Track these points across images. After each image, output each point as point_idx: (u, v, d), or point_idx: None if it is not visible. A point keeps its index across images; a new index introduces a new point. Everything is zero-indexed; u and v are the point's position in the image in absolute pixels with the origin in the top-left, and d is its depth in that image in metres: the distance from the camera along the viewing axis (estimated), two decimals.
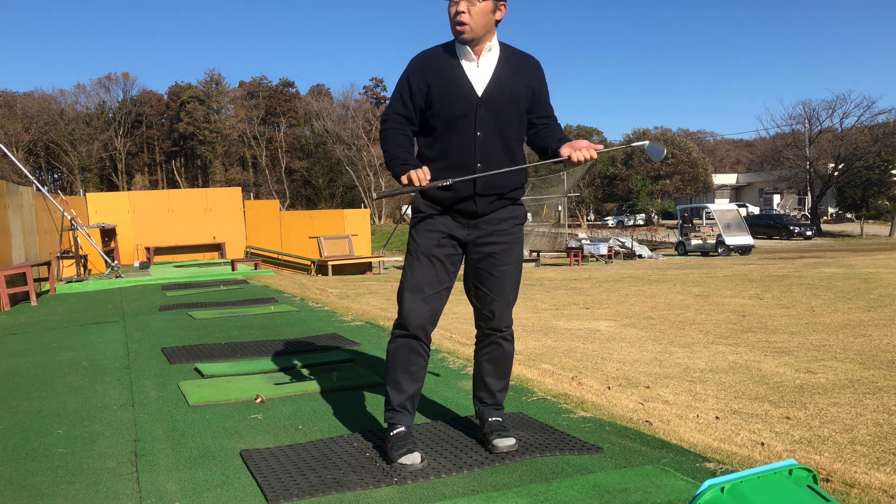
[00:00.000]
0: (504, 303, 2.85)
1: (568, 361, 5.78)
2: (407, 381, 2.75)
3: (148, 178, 70.16)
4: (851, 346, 6.46)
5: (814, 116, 46.23)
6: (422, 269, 2.74)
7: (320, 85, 73.08)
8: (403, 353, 2.75)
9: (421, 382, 2.80)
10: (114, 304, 8.85)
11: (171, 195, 18.53)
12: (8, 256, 9.44)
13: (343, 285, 13.44)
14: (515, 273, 2.85)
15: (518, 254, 2.85)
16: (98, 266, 14.11)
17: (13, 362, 5.22)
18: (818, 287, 11.70)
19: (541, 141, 2.79)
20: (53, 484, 2.69)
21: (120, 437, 3.27)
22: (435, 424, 3.26)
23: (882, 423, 4.00)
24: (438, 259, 2.74)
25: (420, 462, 2.65)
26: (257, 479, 2.61)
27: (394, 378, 2.76)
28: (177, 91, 71.81)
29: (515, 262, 2.85)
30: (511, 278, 2.84)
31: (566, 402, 3.64)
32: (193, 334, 6.15)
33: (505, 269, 2.80)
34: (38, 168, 63.48)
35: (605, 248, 24.88)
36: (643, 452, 2.84)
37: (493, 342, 2.89)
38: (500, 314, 2.85)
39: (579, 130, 72.75)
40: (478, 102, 2.66)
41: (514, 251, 2.84)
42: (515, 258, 2.84)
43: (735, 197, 58.05)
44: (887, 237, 40.03)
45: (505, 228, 2.78)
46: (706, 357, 6.09)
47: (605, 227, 48.55)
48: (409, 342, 2.74)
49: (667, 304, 10.06)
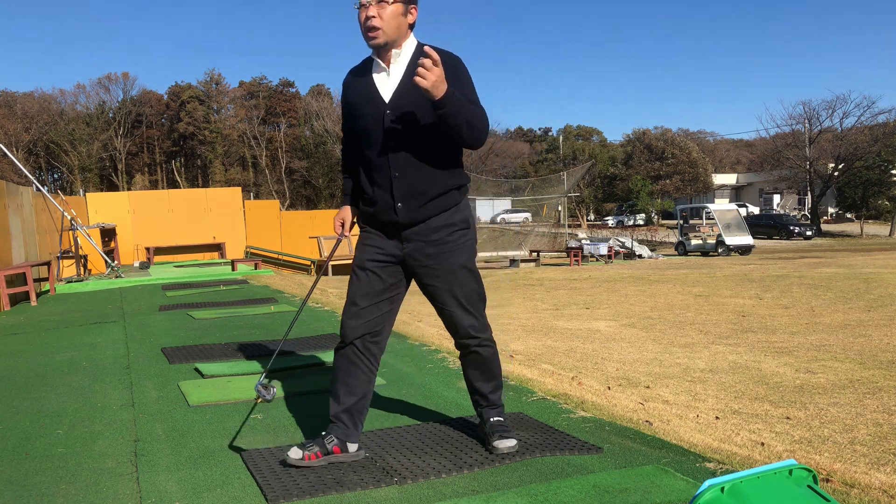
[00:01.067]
0: (460, 313, 2.73)
1: (568, 361, 5.78)
2: (344, 392, 2.74)
3: (148, 178, 70.15)
4: (851, 346, 6.46)
5: (814, 116, 46.27)
6: (356, 281, 2.76)
7: (320, 85, 73.07)
8: (340, 364, 2.76)
9: (360, 396, 2.75)
10: (114, 304, 8.85)
11: (171, 195, 18.53)
12: (8, 256, 9.44)
13: (343, 285, 13.42)
14: (462, 280, 2.71)
15: (459, 260, 2.70)
16: (98, 266, 14.11)
17: (13, 362, 5.22)
18: (818, 287, 11.70)
19: None
20: (53, 484, 2.69)
21: (120, 437, 3.27)
22: (435, 424, 3.26)
23: (882, 423, 4.00)
24: (372, 271, 2.72)
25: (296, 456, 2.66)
26: (257, 479, 2.61)
27: (332, 388, 2.78)
28: (177, 91, 71.81)
29: (458, 270, 2.70)
30: (458, 286, 2.70)
31: (566, 402, 3.64)
32: (193, 334, 6.15)
33: (445, 278, 2.69)
34: (38, 168, 63.47)
35: (605, 248, 24.88)
36: (643, 452, 2.84)
37: (469, 352, 2.81)
38: (460, 325, 2.75)
39: (579, 130, 72.74)
40: (385, 111, 2.60)
41: (453, 258, 2.69)
42: (456, 265, 2.69)
43: (735, 197, 58.05)
44: (887, 237, 40.04)
45: (438, 238, 2.67)
46: (706, 357, 6.09)
47: (605, 227, 48.57)
48: (346, 353, 2.74)
49: (667, 305, 10.06)
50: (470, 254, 2.76)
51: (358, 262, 2.77)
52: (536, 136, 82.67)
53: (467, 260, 2.74)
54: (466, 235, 2.75)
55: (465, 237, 2.75)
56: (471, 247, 2.77)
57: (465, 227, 2.74)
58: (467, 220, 2.76)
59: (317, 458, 2.70)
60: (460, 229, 2.72)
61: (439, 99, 2.39)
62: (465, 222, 2.74)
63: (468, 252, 2.75)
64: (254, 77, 76.14)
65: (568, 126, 73.04)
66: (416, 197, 2.64)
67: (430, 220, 2.66)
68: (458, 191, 2.72)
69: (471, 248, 2.77)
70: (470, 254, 2.76)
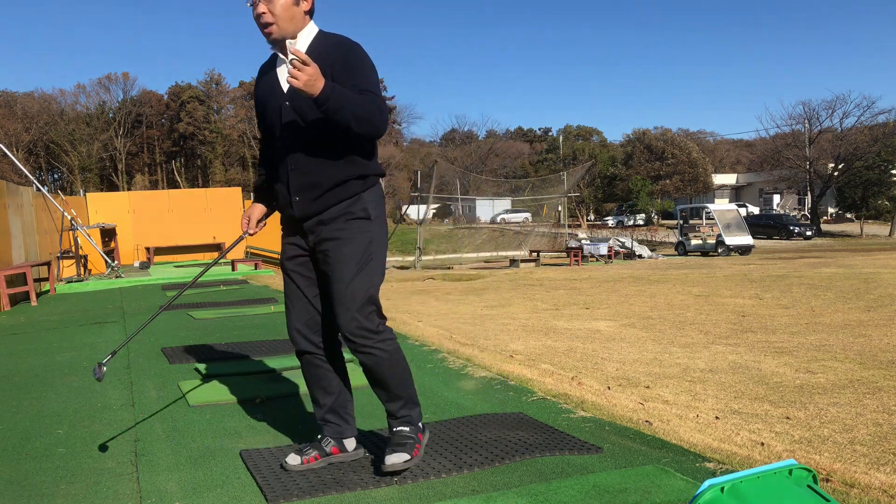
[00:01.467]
0: (340, 307, 2.52)
1: (568, 361, 5.78)
2: (321, 394, 2.75)
3: (148, 178, 70.18)
4: (851, 346, 6.46)
5: (814, 116, 46.28)
6: (285, 284, 2.73)
7: None
8: (305, 370, 2.76)
9: (337, 392, 2.74)
10: (114, 304, 8.85)
11: (171, 195, 18.54)
12: (8, 256, 9.44)
13: None
14: (352, 271, 2.52)
15: (353, 250, 2.54)
16: (98, 266, 14.11)
17: (13, 362, 5.22)
18: (818, 287, 11.70)
19: None
20: (53, 484, 2.69)
21: (120, 437, 3.27)
22: (435, 424, 3.26)
23: (882, 423, 4.00)
24: (292, 270, 2.68)
25: (294, 462, 2.66)
26: (257, 480, 2.61)
27: (310, 393, 2.79)
28: (177, 91, 71.84)
29: (349, 260, 2.53)
30: (348, 277, 2.52)
31: (566, 402, 3.64)
32: (193, 334, 6.15)
33: (333, 269, 2.54)
34: (38, 168, 63.47)
35: (604, 248, 24.88)
36: (643, 452, 2.84)
37: (356, 353, 2.56)
38: (340, 319, 2.53)
39: (579, 130, 72.75)
40: (284, 102, 2.56)
41: (347, 248, 2.53)
42: (349, 255, 2.53)
43: (735, 197, 58.06)
44: (887, 237, 40.04)
45: (337, 226, 2.55)
46: (706, 357, 6.09)
47: (605, 227, 48.57)
48: (304, 360, 2.74)
49: (667, 305, 10.06)
50: (364, 247, 2.56)
51: (281, 263, 2.75)
52: (536, 136, 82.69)
53: (360, 253, 2.55)
54: (366, 227, 2.58)
55: (364, 229, 2.57)
56: (368, 240, 2.57)
57: (363, 217, 2.57)
58: (368, 211, 2.58)
59: (315, 461, 2.70)
60: (358, 218, 2.56)
61: (317, 96, 2.30)
62: (364, 212, 2.57)
63: (362, 245, 2.56)
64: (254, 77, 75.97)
65: (568, 126, 73.04)
66: (310, 189, 2.55)
67: (328, 211, 2.56)
68: (361, 181, 2.57)
69: (367, 242, 2.57)
70: (364, 247, 2.56)
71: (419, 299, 11.14)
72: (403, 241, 32.61)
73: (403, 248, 32.14)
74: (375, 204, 2.62)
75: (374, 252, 2.60)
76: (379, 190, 2.67)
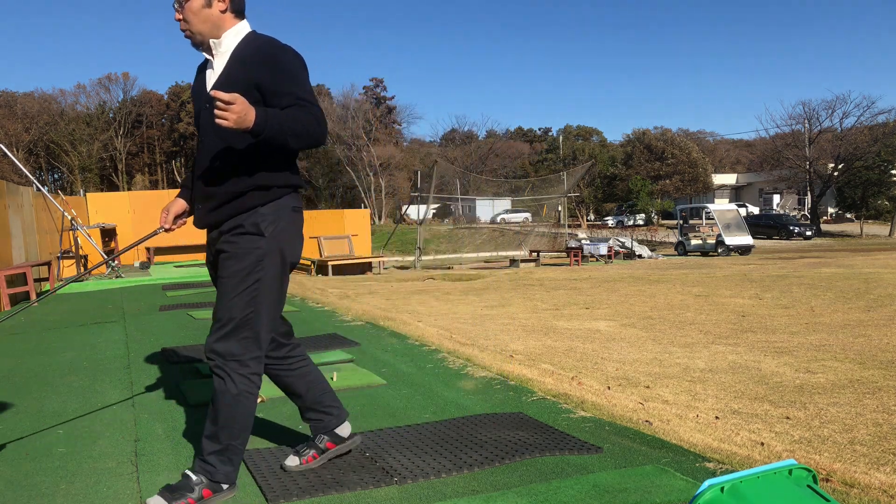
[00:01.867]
0: (214, 322, 2.39)
1: (568, 361, 5.78)
2: (292, 397, 2.76)
3: (148, 178, 70.20)
4: (851, 346, 6.46)
5: (814, 116, 46.27)
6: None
7: (320, 85, 73.02)
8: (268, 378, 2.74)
9: (304, 390, 2.70)
10: (114, 304, 8.85)
11: (172, 195, 18.52)
12: (8, 256, 9.44)
13: (343, 285, 13.43)
14: (232, 289, 2.35)
15: (238, 267, 2.36)
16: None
17: (13, 362, 5.22)
18: (818, 287, 11.70)
19: None
20: (53, 484, 2.69)
21: (120, 437, 3.27)
22: (435, 424, 3.26)
23: (882, 423, 4.00)
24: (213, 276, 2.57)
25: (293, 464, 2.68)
26: (257, 479, 2.61)
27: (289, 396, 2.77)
28: (177, 91, 71.85)
29: (232, 276, 2.36)
30: (227, 294, 2.36)
31: (566, 402, 3.64)
32: (194, 334, 6.15)
33: (221, 282, 2.40)
34: (38, 168, 63.49)
35: (604, 248, 24.88)
36: (643, 452, 2.84)
37: (211, 371, 2.41)
38: (211, 334, 2.39)
39: (579, 130, 72.73)
40: (204, 105, 2.48)
41: (232, 263, 2.38)
42: (233, 271, 2.36)
43: (735, 197, 58.06)
44: (887, 237, 40.04)
45: (226, 239, 2.43)
46: (706, 357, 6.09)
47: (605, 227, 48.57)
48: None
49: (667, 304, 10.06)
50: (250, 265, 2.36)
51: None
52: (536, 136, 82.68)
53: (245, 272, 2.35)
54: (255, 244, 2.37)
55: (253, 245, 2.37)
56: (256, 258, 2.37)
57: (253, 233, 2.37)
58: (259, 226, 2.37)
59: (314, 459, 2.70)
60: (248, 234, 2.37)
61: (252, 129, 2.16)
62: (255, 227, 2.37)
63: (249, 262, 2.36)
64: None
65: (568, 126, 73.02)
66: (207, 199, 2.47)
67: (227, 222, 2.43)
68: (261, 192, 2.39)
69: (254, 259, 2.37)
70: (250, 265, 2.36)
71: (419, 299, 11.14)
72: (403, 241, 32.61)
73: (403, 248, 32.14)
74: (275, 218, 2.40)
75: (264, 272, 2.38)
76: (285, 203, 2.45)
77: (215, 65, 2.47)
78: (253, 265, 2.37)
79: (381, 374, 4.32)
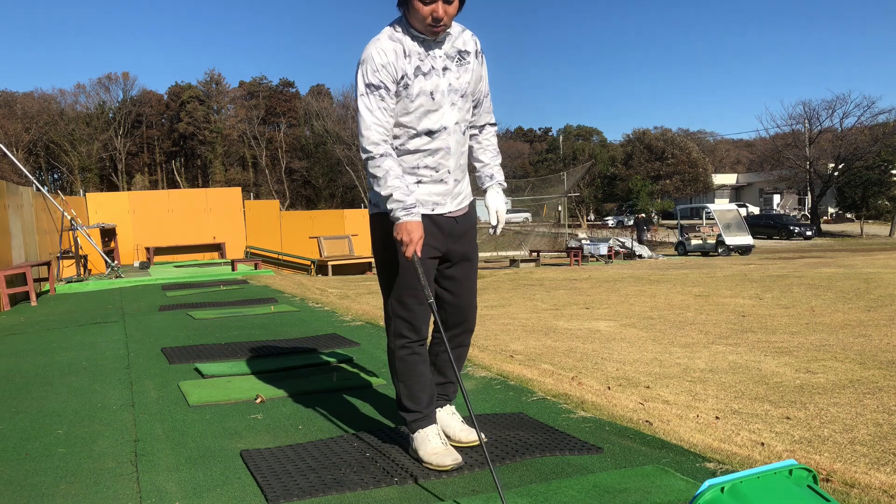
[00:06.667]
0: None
1: (568, 361, 5.78)
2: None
3: (148, 178, 70.20)
4: (851, 346, 6.46)
5: (814, 116, 46.28)
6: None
7: (320, 85, 73.12)
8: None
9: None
10: (114, 304, 8.85)
11: (171, 195, 18.54)
12: (8, 256, 9.44)
13: (343, 285, 13.43)
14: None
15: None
16: (98, 266, 14.11)
17: (13, 362, 5.22)
18: (818, 287, 11.70)
19: None
20: (53, 484, 2.69)
21: (120, 437, 3.27)
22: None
23: (882, 423, 4.00)
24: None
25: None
26: (257, 479, 2.61)
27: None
28: (177, 91, 71.85)
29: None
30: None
31: (566, 402, 3.64)
32: (193, 334, 6.15)
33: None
34: (38, 168, 63.49)
35: (605, 248, 24.88)
36: (643, 452, 2.84)
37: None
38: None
39: (579, 130, 72.73)
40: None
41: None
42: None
43: (735, 197, 58.08)
44: (887, 237, 40.05)
45: None
46: (706, 357, 6.09)
47: (605, 227, 48.57)
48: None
49: (667, 304, 10.06)
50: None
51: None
52: (536, 136, 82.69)
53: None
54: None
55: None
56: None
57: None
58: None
59: None
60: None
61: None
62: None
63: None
64: (254, 77, 76.19)
65: (568, 126, 73.06)
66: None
67: None
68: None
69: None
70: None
71: None
72: None
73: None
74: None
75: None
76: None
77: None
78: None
79: (381, 374, 4.32)
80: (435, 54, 2.58)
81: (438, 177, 2.64)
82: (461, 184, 2.73)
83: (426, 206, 2.63)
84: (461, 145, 2.68)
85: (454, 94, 2.61)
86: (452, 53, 2.62)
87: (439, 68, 2.58)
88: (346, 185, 62.10)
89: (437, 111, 2.58)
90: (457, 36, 2.64)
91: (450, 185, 2.67)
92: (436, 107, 2.57)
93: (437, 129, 2.59)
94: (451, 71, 2.61)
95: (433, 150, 2.61)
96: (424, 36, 2.54)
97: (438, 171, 2.63)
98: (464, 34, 2.67)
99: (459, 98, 2.62)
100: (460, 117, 2.65)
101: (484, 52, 2.73)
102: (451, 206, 2.69)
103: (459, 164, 2.69)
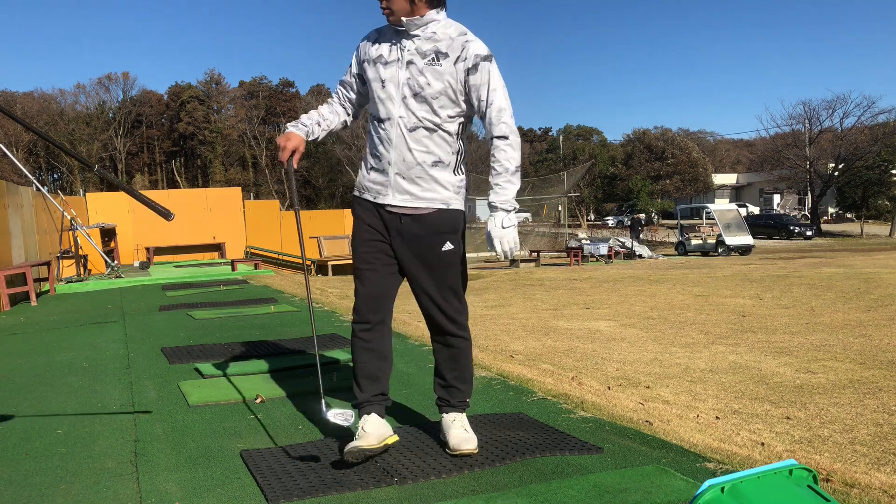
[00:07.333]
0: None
1: (568, 361, 5.78)
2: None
3: (148, 178, 70.19)
4: (851, 346, 6.46)
5: (814, 116, 46.27)
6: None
7: (320, 85, 73.09)
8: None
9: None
10: (114, 304, 8.84)
11: (171, 195, 18.56)
12: (8, 256, 9.44)
13: (343, 285, 13.42)
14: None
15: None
16: (98, 266, 14.11)
17: (13, 362, 5.22)
18: (818, 287, 11.69)
19: None
20: (53, 484, 2.68)
21: (120, 437, 3.27)
22: (435, 424, 3.25)
23: (882, 423, 4.00)
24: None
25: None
26: (257, 479, 2.60)
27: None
28: (177, 91, 71.84)
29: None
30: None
31: (566, 402, 3.64)
32: (193, 334, 6.15)
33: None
34: (38, 168, 63.49)
35: (605, 248, 24.88)
36: (643, 452, 2.84)
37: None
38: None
39: (579, 130, 72.71)
40: None
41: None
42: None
43: (735, 197, 58.06)
44: (887, 237, 40.04)
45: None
46: (706, 357, 6.09)
47: (605, 227, 48.57)
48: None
49: (667, 305, 10.06)
50: None
51: None
52: (536, 136, 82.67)
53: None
54: None
55: None
56: None
57: None
58: None
59: None
60: None
61: None
62: None
63: None
64: (254, 77, 76.18)
65: (568, 126, 73.05)
66: None
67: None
68: None
69: None
70: None
71: None
72: None
73: None
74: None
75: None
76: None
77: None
78: None
79: None
80: (404, 46, 2.63)
81: (381, 166, 2.71)
82: (411, 183, 2.66)
83: (370, 193, 2.75)
84: (409, 142, 2.63)
85: (408, 89, 2.61)
86: (427, 51, 2.60)
87: (404, 60, 2.62)
88: (346, 185, 62.06)
89: (384, 100, 2.66)
90: (445, 38, 2.60)
91: (390, 177, 2.68)
92: (384, 95, 2.66)
93: (384, 117, 2.67)
94: (414, 66, 2.60)
95: (380, 138, 2.70)
96: (396, 27, 2.63)
97: (381, 159, 2.70)
98: (457, 39, 2.60)
99: (413, 96, 2.61)
100: (407, 114, 2.62)
101: (490, 62, 2.64)
102: (392, 199, 2.69)
103: (405, 160, 2.64)
